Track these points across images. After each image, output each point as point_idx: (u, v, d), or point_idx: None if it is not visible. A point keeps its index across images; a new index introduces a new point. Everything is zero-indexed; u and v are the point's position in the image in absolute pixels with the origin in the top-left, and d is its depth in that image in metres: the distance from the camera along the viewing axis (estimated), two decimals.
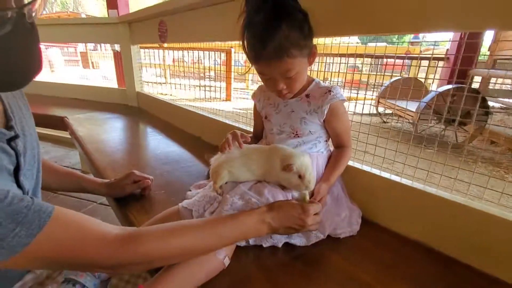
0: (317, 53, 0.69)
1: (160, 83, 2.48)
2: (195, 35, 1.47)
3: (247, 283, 0.56)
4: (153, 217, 0.69)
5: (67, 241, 0.41)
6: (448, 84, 2.71)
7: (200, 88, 2.11)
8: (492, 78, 3.40)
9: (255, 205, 0.65)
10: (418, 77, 2.99)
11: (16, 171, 0.50)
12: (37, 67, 0.44)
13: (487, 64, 3.35)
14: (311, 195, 0.68)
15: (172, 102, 1.86)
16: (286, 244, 0.66)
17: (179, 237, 0.48)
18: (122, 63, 2.19)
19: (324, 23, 0.70)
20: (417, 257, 0.66)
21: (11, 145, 0.49)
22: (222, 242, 0.53)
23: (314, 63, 0.73)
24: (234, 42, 1.91)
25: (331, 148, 0.81)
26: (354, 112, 1.00)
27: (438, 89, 2.55)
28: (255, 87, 0.90)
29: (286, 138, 0.77)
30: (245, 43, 0.65)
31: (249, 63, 0.70)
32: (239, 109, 1.60)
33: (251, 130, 0.97)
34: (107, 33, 2.15)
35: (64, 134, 2.59)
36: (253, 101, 0.88)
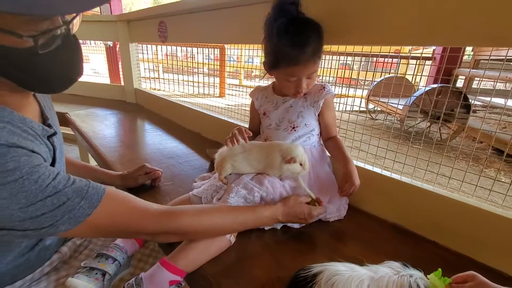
0: None
1: (154, 78, 2.52)
2: (194, 36, 1.55)
3: (251, 257, 0.66)
4: (167, 204, 0.78)
5: (120, 211, 0.51)
6: (435, 83, 2.86)
7: (194, 84, 2.17)
8: (476, 78, 3.57)
9: (257, 193, 0.75)
10: (406, 75, 3.13)
11: (52, 164, 0.59)
12: (79, 73, 0.53)
13: (470, 64, 3.52)
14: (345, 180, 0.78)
15: (171, 99, 1.93)
16: (284, 226, 0.77)
17: (209, 217, 0.59)
18: (120, 60, 2.24)
19: (329, 33, 0.79)
20: (393, 237, 0.78)
21: (50, 141, 0.58)
22: (240, 227, 0.66)
23: None
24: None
25: (322, 143, 0.92)
26: (344, 110, 1.10)
27: (423, 89, 2.68)
28: (248, 83, 1.00)
29: (283, 132, 0.87)
30: (277, 52, 0.75)
31: (264, 68, 0.83)
32: (233, 106, 1.68)
33: (246, 126, 1.07)
34: (105, 31, 2.19)
35: (63, 130, 2.63)
36: (251, 99, 0.97)
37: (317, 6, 0.78)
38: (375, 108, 3.85)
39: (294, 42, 0.72)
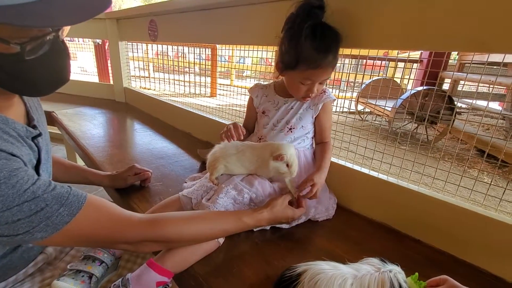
0: None
1: (144, 77, 2.48)
2: (185, 36, 1.54)
3: (240, 257, 0.67)
4: (156, 204, 0.77)
5: (100, 220, 0.49)
6: (421, 85, 2.93)
7: (184, 83, 2.15)
8: (461, 80, 3.68)
9: (246, 195, 0.76)
10: (395, 78, 3.20)
11: (37, 166, 0.58)
12: (66, 79, 0.53)
13: (455, 67, 3.63)
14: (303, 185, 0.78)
15: (161, 99, 1.92)
16: (273, 227, 0.78)
17: (193, 225, 0.59)
18: (106, 58, 2.20)
19: None
20: (380, 235, 0.80)
21: (35, 142, 0.57)
22: (224, 234, 0.66)
23: None
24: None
25: (314, 146, 0.93)
26: (337, 111, 1.11)
27: (409, 91, 2.74)
28: (239, 83, 1.00)
29: (279, 133, 0.88)
30: (300, 53, 0.75)
31: (277, 69, 0.83)
32: (224, 106, 1.67)
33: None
34: (94, 28, 2.15)
35: (49, 129, 2.56)
36: (250, 95, 0.97)
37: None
38: (364, 109, 3.91)
39: (319, 46, 0.73)
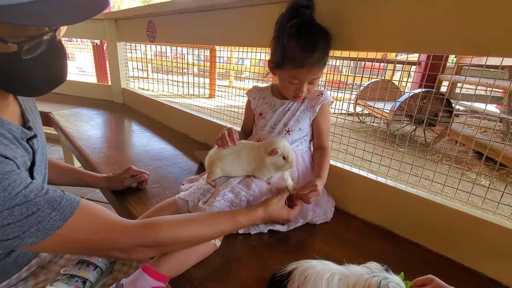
0: None
1: (142, 78, 2.48)
2: (183, 37, 1.53)
3: (237, 260, 0.66)
4: (153, 207, 0.77)
5: (93, 226, 0.48)
6: (420, 87, 2.94)
7: (183, 85, 2.15)
8: (459, 83, 3.69)
9: (243, 198, 0.75)
10: (393, 80, 3.20)
11: (31, 167, 0.57)
12: (62, 79, 0.52)
13: (453, 70, 3.64)
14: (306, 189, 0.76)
15: (159, 100, 1.91)
16: (271, 230, 0.77)
17: (188, 227, 0.57)
18: (105, 58, 2.20)
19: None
20: (378, 238, 0.79)
21: (30, 144, 0.56)
22: (220, 234, 0.65)
23: None
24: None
25: (312, 149, 0.93)
26: (335, 113, 1.11)
27: (407, 94, 2.75)
28: (238, 85, 0.99)
29: (276, 135, 0.88)
30: (285, 52, 0.75)
31: (268, 68, 0.83)
32: (223, 107, 1.67)
33: (237, 128, 1.06)
34: (92, 29, 2.14)
35: (46, 130, 2.55)
36: (248, 98, 0.97)
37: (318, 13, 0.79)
38: (363, 111, 3.92)
39: (304, 45, 0.73)
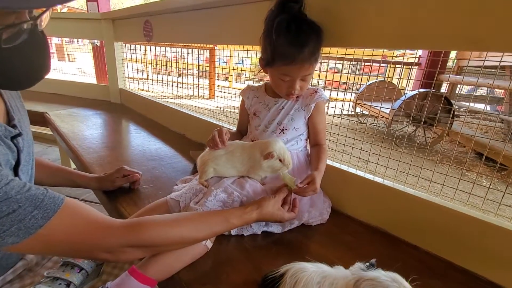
0: None
1: (142, 79, 2.47)
2: (180, 37, 1.52)
3: (229, 263, 0.64)
4: (144, 208, 0.75)
5: (78, 225, 0.46)
6: (421, 88, 2.92)
7: (183, 86, 2.14)
8: (459, 83, 3.67)
9: (237, 198, 0.73)
10: (393, 80, 3.18)
11: (16, 167, 0.55)
12: (46, 70, 0.50)
13: (453, 71, 3.62)
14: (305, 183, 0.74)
15: (156, 100, 1.89)
16: (265, 231, 0.75)
17: (178, 227, 0.55)
18: (105, 59, 2.19)
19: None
20: (375, 240, 0.77)
21: (14, 142, 0.54)
22: (211, 236, 0.63)
23: None
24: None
25: (308, 148, 0.91)
26: (334, 113, 1.09)
27: (406, 94, 2.73)
28: (238, 85, 0.98)
29: (271, 135, 0.86)
30: (275, 48, 0.73)
31: (259, 66, 0.81)
32: (222, 108, 1.65)
33: (234, 128, 1.05)
34: (89, 29, 2.13)
35: (43, 130, 2.54)
36: (242, 98, 0.95)
37: (311, 8, 0.77)
38: (362, 112, 3.90)
39: (293, 41, 0.71)
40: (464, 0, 0.58)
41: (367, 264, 0.48)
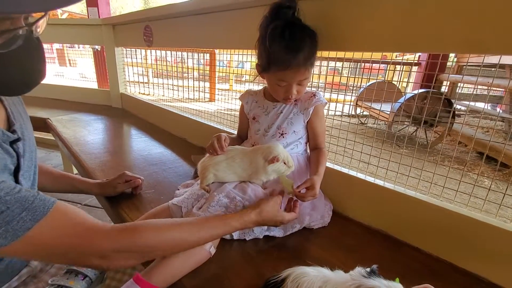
0: None
1: (142, 83, 2.48)
2: (180, 41, 1.53)
3: (231, 269, 0.64)
4: (145, 213, 0.75)
5: (68, 229, 0.45)
6: (421, 88, 2.92)
7: (184, 89, 2.15)
8: (460, 83, 3.67)
9: (239, 203, 0.73)
10: (393, 81, 3.19)
11: (16, 172, 0.55)
12: (42, 76, 0.51)
13: (453, 70, 3.62)
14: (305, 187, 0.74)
15: (157, 104, 1.90)
16: (267, 235, 0.75)
17: (174, 231, 0.53)
18: (105, 64, 2.20)
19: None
20: (377, 243, 0.77)
21: (13, 147, 0.54)
22: (211, 239, 0.61)
23: None
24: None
25: (308, 151, 0.91)
26: (334, 115, 1.09)
27: (405, 96, 2.72)
28: (238, 88, 0.98)
29: (271, 139, 0.86)
30: (270, 54, 0.74)
31: (256, 71, 0.81)
32: (223, 111, 1.66)
33: (235, 132, 1.05)
34: (90, 34, 2.15)
35: (45, 136, 2.55)
36: (241, 103, 0.96)
37: (308, 13, 0.78)
38: (363, 112, 3.90)
39: (288, 46, 0.71)
40: (463, 2, 0.58)
41: (368, 270, 0.47)
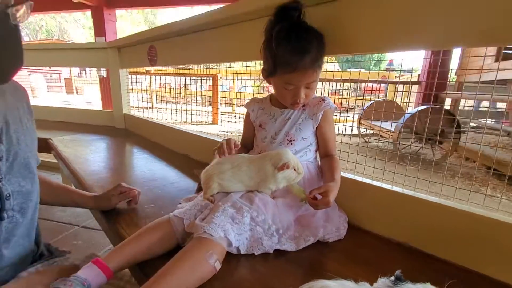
0: None
1: (147, 108, 2.51)
2: (184, 59, 1.55)
3: (238, 286, 0.57)
4: (144, 227, 0.69)
5: None
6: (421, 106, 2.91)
7: (187, 112, 2.16)
8: (462, 100, 3.67)
9: (246, 213, 0.67)
10: (395, 100, 3.20)
11: None
12: (18, 64, 0.48)
13: (454, 87, 3.64)
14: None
15: (159, 122, 1.89)
16: (277, 250, 0.68)
17: None
18: (110, 87, 2.23)
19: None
20: (400, 256, 0.69)
21: None
22: None
23: None
24: (221, 67, 2.01)
25: (318, 159, 0.87)
26: (338, 133, 1.06)
27: (410, 111, 2.71)
28: (242, 110, 0.96)
29: (279, 146, 0.82)
30: (276, 57, 0.72)
31: (261, 77, 0.80)
32: (226, 132, 1.64)
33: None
34: (96, 58, 2.20)
35: (46, 158, 2.52)
36: (247, 111, 0.93)
37: (312, 16, 0.77)
38: (366, 131, 3.87)
39: (294, 48, 0.70)
40: None
41: (393, 279, 0.41)
